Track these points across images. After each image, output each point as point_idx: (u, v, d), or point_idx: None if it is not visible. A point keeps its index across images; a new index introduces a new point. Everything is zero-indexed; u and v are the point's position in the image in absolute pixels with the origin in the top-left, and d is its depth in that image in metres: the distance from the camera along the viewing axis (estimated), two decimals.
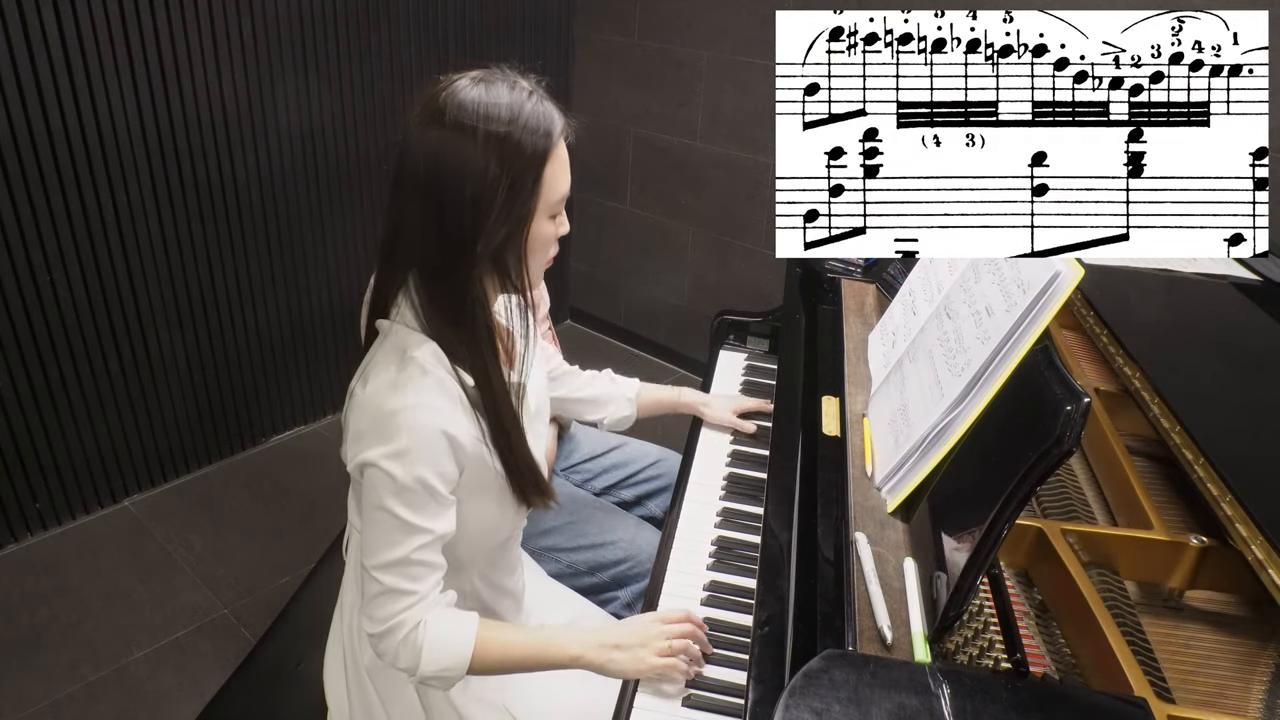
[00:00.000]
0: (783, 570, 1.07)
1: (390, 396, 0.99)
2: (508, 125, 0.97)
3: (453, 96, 0.98)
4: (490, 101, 0.98)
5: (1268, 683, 0.94)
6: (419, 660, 1.03)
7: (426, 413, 0.99)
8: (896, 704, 0.78)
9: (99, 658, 2.08)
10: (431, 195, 0.98)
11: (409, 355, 1.01)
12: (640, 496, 1.73)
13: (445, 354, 1.03)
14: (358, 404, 1.03)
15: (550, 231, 1.07)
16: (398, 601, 1.02)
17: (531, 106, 1.00)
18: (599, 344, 3.73)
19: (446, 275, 1.01)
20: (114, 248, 2.34)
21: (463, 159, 0.96)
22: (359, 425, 1.02)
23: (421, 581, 1.03)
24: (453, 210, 0.98)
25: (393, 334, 1.06)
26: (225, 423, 2.78)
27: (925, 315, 1.28)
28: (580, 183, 3.55)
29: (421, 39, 2.86)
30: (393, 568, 1.01)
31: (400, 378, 1.00)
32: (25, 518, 2.41)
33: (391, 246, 1.05)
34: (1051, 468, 0.82)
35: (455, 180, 0.97)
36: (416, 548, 1.01)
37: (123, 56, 2.21)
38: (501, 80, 1.01)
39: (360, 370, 1.08)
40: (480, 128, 0.96)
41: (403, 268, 1.05)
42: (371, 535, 1.03)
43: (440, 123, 0.97)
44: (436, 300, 1.03)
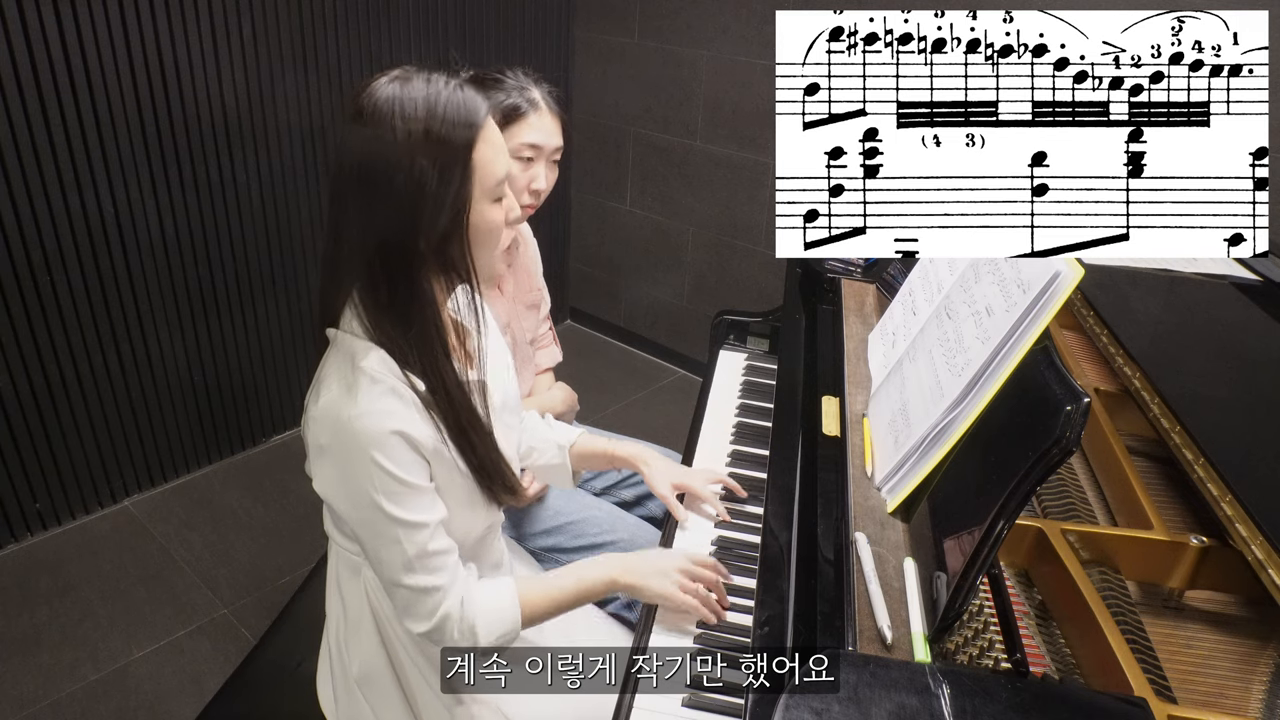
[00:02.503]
0: (783, 570, 1.07)
1: (343, 406, 0.99)
2: (425, 120, 0.96)
3: (369, 97, 0.98)
4: (406, 97, 0.97)
5: (1268, 683, 0.94)
6: (476, 638, 1.06)
7: (379, 417, 0.99)
8: (896, 704, 0.78)
9: (99, 658, 2.08)
10: (363, 198, 0.98)
11: (357, 365, 1.00)
12: (640, 496, 1.73)
13: (394, 360, 1.01)
14: (313, 419, 1.02)
15: (496, 217, 1.03)
16: (430, 597, 1.04)
17: (448, 95, 0.98)
18: (599, 344, 3.73)
19: (389, 279, 1.00)
20: (114, 248, 2.34)
21: (386, 158, 0.96)
22: (319, 439, 1.01)
23: (443, 571, 1.04)
24: (386, 211, 0.97)
25: (340, 343, 1.04)
26: (225, 423, 2.78)
27: (925, 315, 1.28)
28: (580, 183, 3.56)
29: (421, 39, 2.86)
30: (411, 569, 1.02)
31: (352, 387, 0.99)
32: (25, 518, 2.41)
33: (332, 254, 1.04)
34: (1051, 468, 0.82)
35: (384, 180, 0.96)
36: (425, 540, 1.02)
37: (123, 56, 2.21)
38: (417, 76, 1.00)
39: (313, 385, 1.06)
40: (399, 125, 0.96)
41: (346, 275, 1.04)
42: (376, 547, 1.03)
43: (360, 122, 0.97)
44: (382, 305, 1.01)
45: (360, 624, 1.15)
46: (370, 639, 1.15)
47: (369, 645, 1.15)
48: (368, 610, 1.14)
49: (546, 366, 1.85)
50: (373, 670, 1.16)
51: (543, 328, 1.82)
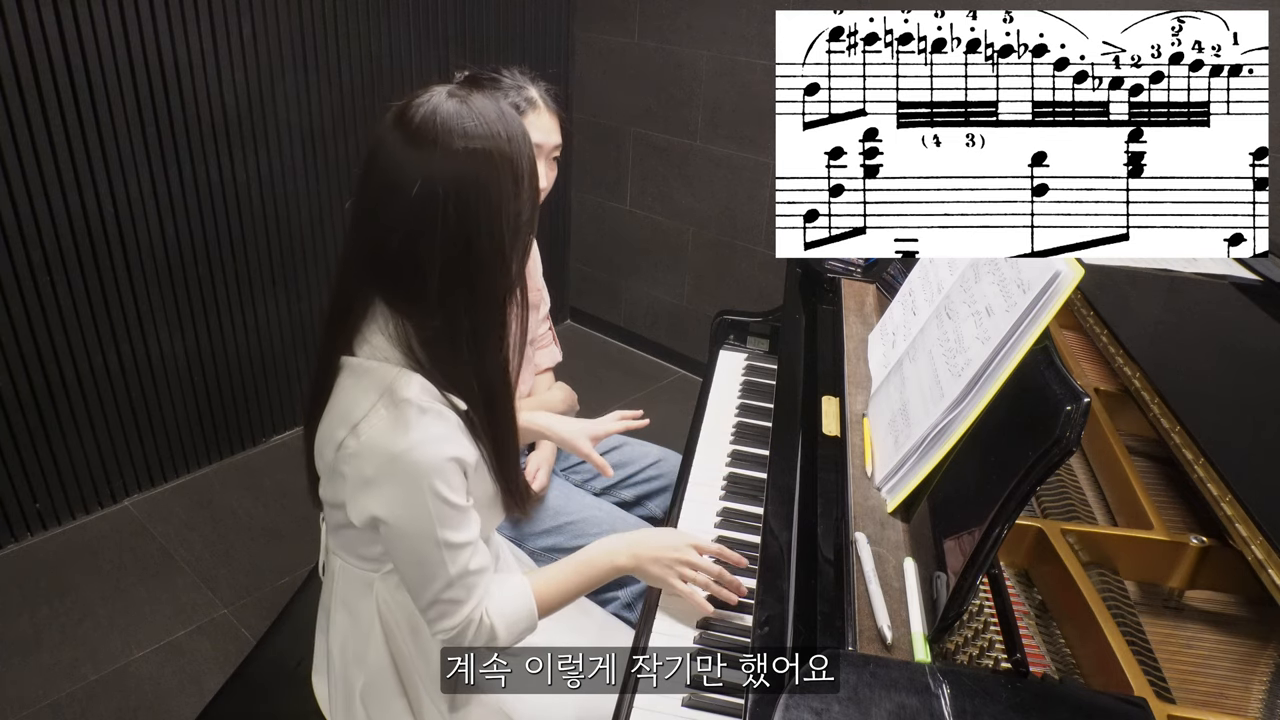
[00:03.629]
0: (783, 570, 1.07)
1: (394, 439, 0.97)
2: (508, 142, 0.95)
3: (429, 118, 0.93)
4: (479, 115, 0.94)
5: (1268, 683, 0.94)
6: (496, 638, 1.07)
7: (434, 445, 0.98)
8: (896, 704, 0.78)
9: (99, 658, 2.08)
10: (446, 224, 0.93)
11: (401, 396, 0.97)
12: (640, 496, 1.73)
13: (434, 384, 1.00)
14: (353, 454, 0.99)
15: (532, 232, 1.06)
16: (461, 610, 1.04)
17: (511, 113, 0.99)
18: (599, 344, 3.73)
19: (471, 305, 0.98)
20: (114, 248, 2.34)
21: (484, 181, 0.93)
22: (364, 473, 0.99)
23: (478, 589, 1.05)
24: (482, 236, 0.94)
25: (364, 371, 1.01)
26: (225, 423, 2.78)
27: (925, 315, 1.28)
28: (580, 183, 3.56)
29: (421, 39, 2.86)
30: (451, 586, 1.03)
31: (399, 420, 0.97)
32: (25, 518, 2.41)
33: (365, 278, 1.01)
34: (1051, 468, 0.82)
35: (479, 204, 0.93)
36: (468, 559, 1.03)
37: (123, 56, 2.20)
38: (476, 93, 0.98)
39: (335, 415, 1.03)
40: (481, 145, 0.93)
41: (383, 301, 1.01)
42: (421, 570, 1.02)
43: (422, 146, 0.93)
44: (451, 334, 0.99)
45: (370, 638, 1.14)
46: (378, 651, 1.14)
47: (376, 658, 1.15)
48: (378, 624, 1.13)
49: (546, 366, 1.85)
50: (378, 682, 1.16)
51: (542, 328, 1.82)
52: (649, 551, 1.15)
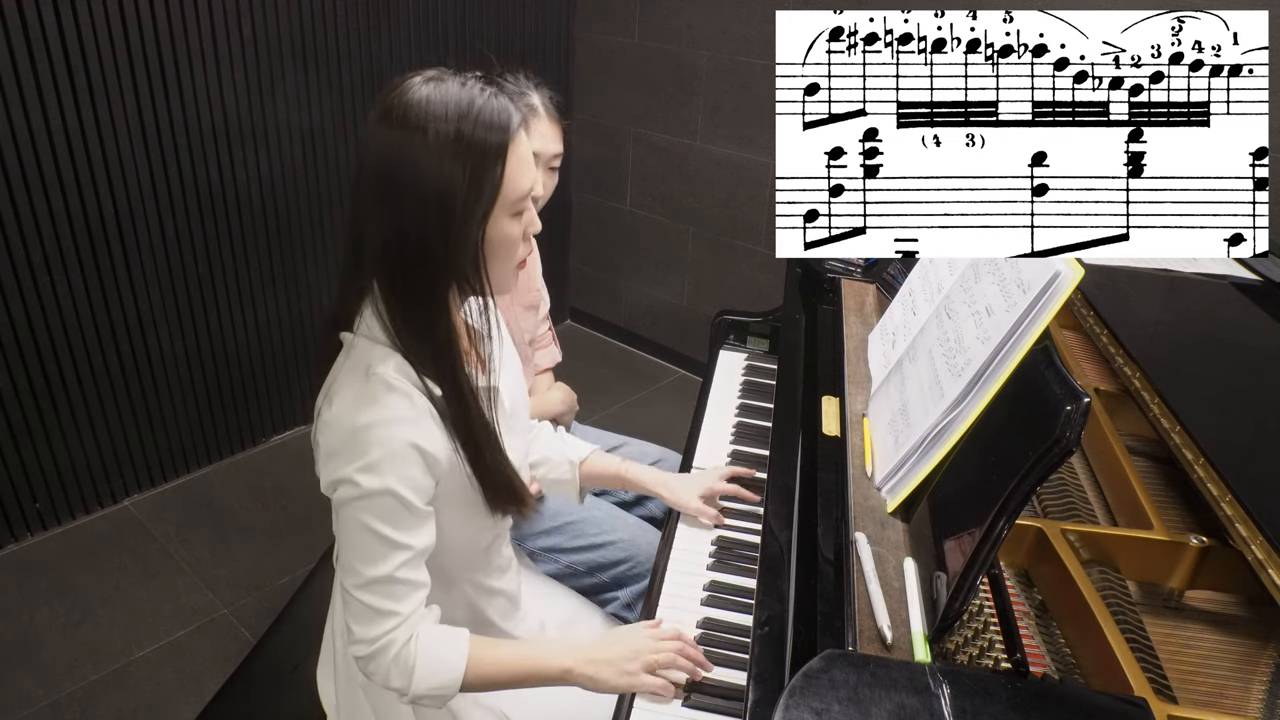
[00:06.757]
0: (783, 570, 1.07)
1: (359, 413, 0.97)
2: (458, 122, 0.93)
3: (400, 98, 0.95)
4: (439, 99, 0.94)
5: (1268, 683, 0.94)
6: (411, 679, 1.01)
7: (396, 426, 0.97)
8: (896, 704, 0.78)
9: (99, 658, 2.08)
10: (389, 201, 0.95)
11: (373, 371, 0.98)
12: (640, 496, 1.73)
13: (411, 366, 1.00)
14: (325, 424, 1.00)
15: (514, 232, 1.01)
16: (384, 622, 1.00)
17: (484, 101, 0.95)
18: (599, 344, 3.73)
19: (411, 284, 0.98)
20: (114, 248, 2.34)
21: (415, 161, 0.93)
22: (329, 445, 1.00)
23: (405, 600, 1.01)
24: (413, 216, 0.94)
25: (356, 348, 1.02)
26: (225, 423, 2.78)
27: (925, 315, 1.28)
28: (580, 183, 3.56)
29: (421, 39, 2.86)
30: (375, 586, 0.99)
31: (366, 393, 0.97)
32: (25, 518, 2.41)
33: (353, 256, 1.02)
34: (1051, 468, 0.82)
35: (411, 184, 0.93)
36: (399, 565, 0.99)
37: (123, 56, 2.21)
38: (452, 78, 0.97)
39: (325, 388, 1.04)
40: (431, 126, 0.92)
41: (366, 278, 1.02)
42: (351, 555, 1.00)
43: (390, 124, 0.94)
44: (405, 310, 0.99)
45: None
46: None
47: None
48: None
49: (546, 367, 1.85)
50: None
51: (542, 328, 1.82)
52: (604, 657, 1.07)
